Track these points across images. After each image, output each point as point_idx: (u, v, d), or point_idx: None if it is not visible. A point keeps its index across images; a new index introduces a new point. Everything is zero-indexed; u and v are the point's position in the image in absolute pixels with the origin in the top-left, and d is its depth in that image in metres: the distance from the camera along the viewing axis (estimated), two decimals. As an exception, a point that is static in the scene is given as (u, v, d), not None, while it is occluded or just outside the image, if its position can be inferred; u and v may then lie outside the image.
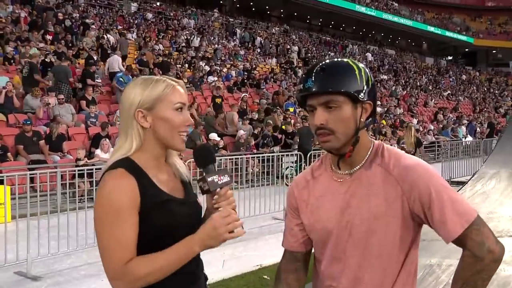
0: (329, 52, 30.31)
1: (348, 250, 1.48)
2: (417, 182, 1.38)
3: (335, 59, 1.48)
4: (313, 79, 1.43)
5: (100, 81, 13.08)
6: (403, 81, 29.95)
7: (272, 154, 10.17)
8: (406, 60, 38.50)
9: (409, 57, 40.31)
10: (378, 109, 19.07)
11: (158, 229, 1.44)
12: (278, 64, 23.47)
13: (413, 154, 13.87)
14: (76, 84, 12.25)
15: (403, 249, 1.44)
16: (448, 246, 1.43)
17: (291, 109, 16.98)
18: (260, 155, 10.02)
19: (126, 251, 1.39)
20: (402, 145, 11.55)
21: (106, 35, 16.71)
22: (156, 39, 19.72)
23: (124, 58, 15.22)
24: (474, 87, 35.94)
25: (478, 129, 21.42)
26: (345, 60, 1.47)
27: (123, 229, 1.39)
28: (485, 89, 36.41)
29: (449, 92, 31.71)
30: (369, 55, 33.29)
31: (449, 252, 3.78)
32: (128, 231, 1.40)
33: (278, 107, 16.51)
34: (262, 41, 25.92)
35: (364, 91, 1.44)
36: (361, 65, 1.46)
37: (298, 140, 12.65)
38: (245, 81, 18.47)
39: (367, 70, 1.47)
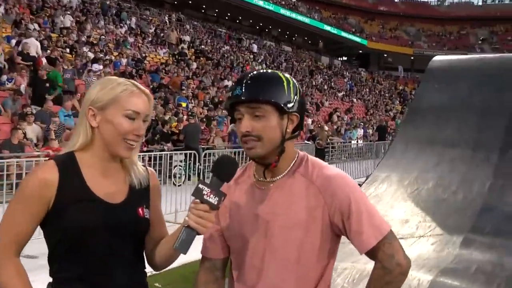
0: (224, 45, 30.60)
1: (266, 258, 1.54)
2: (339, 192, 1.49)
3: (265, 71, 1.57)
4: (242, 87, 1.51)
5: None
6: (297, 79, 31.22)
7: (161, 152, 10.11)
8: (303, 58, 40.24)
9: (305, 55, 42.14)
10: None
11: (70, 228, 1.49)
12: (170, 55, 23.17)
13: (325, 149, 14.56)
14: None
15: (322, 259, 1.54)
16: (343, 249, 1.56)
17: (183, 104, 16.93)
18: (150, 153, 9.86)
19: (12, 238, 1.50)
20: (318, 141, 13.21)
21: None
22: (31, 17, 18.30)
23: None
24: (367, 89, 38.69)
25: (370, 131, 23.08)
26: (276, 72, 1.57)
27: (22, 217, 1.50)
28: (377, 91, 39.42)
29: (343, 93, 33.76)
30: (254, 46, 33.90)
31: (344, 255, 4.08)
32: (25, 222, 1.51)
33: (169, 102, 16.35)
34: (153, 29, 25.38)
35: (291, 103, 1.53)
36: (290, 77, 1.56)
37: (185, 137, 12.70)
38: (135, 72, 17.97)
39: (296, 83, 1.57)
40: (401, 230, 4.95)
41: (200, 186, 1.45)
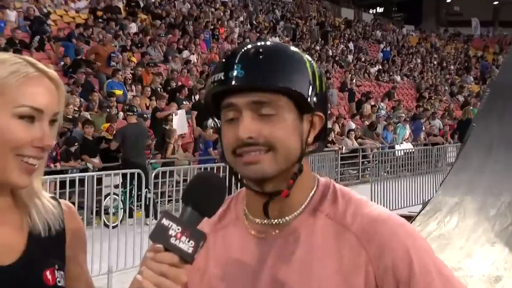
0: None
1: None
2: (392, 245, 1.53)
3: (275, 43, 1.65)
4: (244, 65, 1.55)
5: None
6: (303, 47, 31.40)
7: (83, 174, 10.16)
8: (310, 12, 40.48)
9: (314, 7, 42.44)
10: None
11: None
12: (91, 11, 23.29)
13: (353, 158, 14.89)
14: None
15: None
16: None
17: (118, 92, 16.89)
18: (63, 176, 9.76)
19: None
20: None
21: None
22: None
23: None
24: (419, 60, 39.05)
25: (424, 127, 23.16)
26: (292, 47, 1.64)
27: None
28: (436, 63, 39.77)
29: (379, 67, 34.01)
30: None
31: None
32: None
33: (93, 90, 16.38)
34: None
35: (316, 96, 1.60)
36: (310, 59, 1.64)
37: (121, 149, 12.76)
38: (33, 40, 18.05)
39: (318, 67, 1.65)
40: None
41: (165, 222, 1.46)
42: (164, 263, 1.41)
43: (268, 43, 1.64)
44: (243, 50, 1.59)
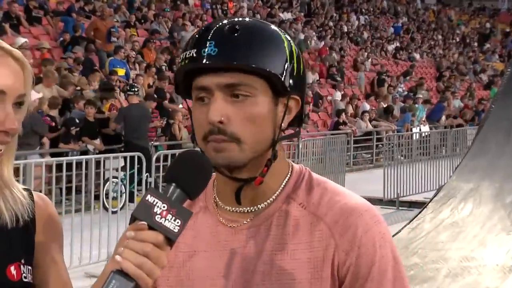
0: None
1: None
2: (362, 241, 1.53)
3: (253, 20, 1.61)
4: (217, 42, 1.52)
5: None
6: (317, 24, 31.21)
7: (82, 157, 10.16)
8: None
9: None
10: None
11: None
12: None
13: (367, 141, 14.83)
14: None
15: None
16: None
17: (120, 71, 16.89)
18: (60, 159, 9.82)
19: None
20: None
21: None
22: None
23: None
24: (439, 36, 38.69)
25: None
26: (271, 25, 1.61)
27: None
28: (458, 39, 39.36)
29: (397, 44, 33.77)
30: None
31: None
32: None
33: (94, 68, 16.34)
34: None
35: (292, 78, 1.57)
36: (289, 38, 1.60)
37: (122, 130, 12.80)
38: (29, 14, 17.84)
39: (296, 47, 1.60)
40: (502, 287, 4.95)
41: (149, 198, 1.40)
42: (148, 242, 1.36)
43: (246, 19, 1.61)
44: (217, 25, 1.56)
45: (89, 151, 12.31)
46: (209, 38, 1.53)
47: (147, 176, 10.25)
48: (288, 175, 1.65)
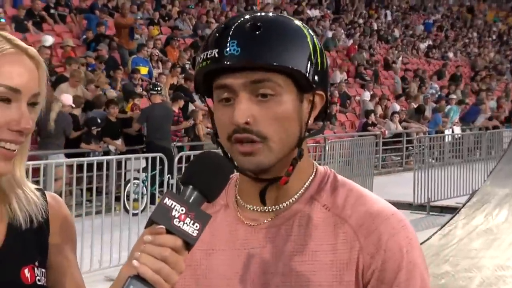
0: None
1: None
2: (388, 245, 1.53)
3: (274, 15, 1.62)
4: (239, 41, 1.51)
5: None
6: (346, 22, 31.14)
7: (104, 157, 10.31)
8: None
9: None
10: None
11: None
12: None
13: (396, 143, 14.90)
14: None
15: None
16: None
17: (143, 70, 16.95)
18: (81, 159, 9.88)
19: None
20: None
21: None
22: None
23: None
24: (474, 34, 38.46)
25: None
26: (292, 19, 1.61)
27: None
28: (496, 36, 39.04)
29: (429, 42, 33.60)
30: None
31: None
32: None
33: (118, 66, 16.40)
34: None
35: (316, 74, 1.57)
36: (312, 33, 1.61)
37: (145, 131, 12.88)
38: (51, 11, 18.11)
39: (319, 41, 1.62)
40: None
41: (167, 201, 1.40)
42: (166, 246, 1.36)
43: (267, 14, 1.61)
44: (238, 22, 1.56)
45: (111, 152, 12.37)
46: (230, 36, 1.53)
47: (169, 177, 10.25)
48: (312, 175, 1.66)
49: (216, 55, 1.52)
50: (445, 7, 42.50)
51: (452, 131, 19.81)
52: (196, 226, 1.38)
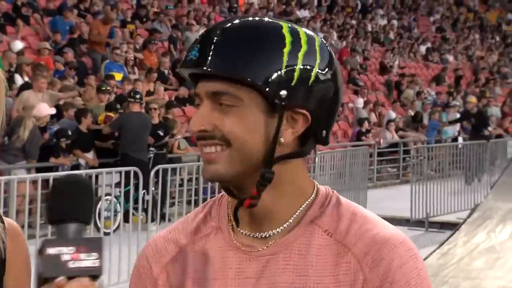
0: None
1: None
2: (395, 277, 1.53)
3: (251, 19, 1.62)
4: (200, 47, 1.55)
5: None
6: (339, 23, 31.27)
7: (72, 172, 10.39)
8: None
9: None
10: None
11: None
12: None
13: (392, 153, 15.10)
14: None
15: None
16: None
17: (118, 76, 16.94)
18: (47, 174, 9.76)
19: None
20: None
21: None
22: None
23: None
24: (476, 35, 38.70)
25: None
26: (272, 24, 1.59)
27: None
28: (498, 39, 39.29)
29: (428, 45, 33.78)
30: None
31: None
32: None
33: (88, 71, 16.43)
34: None
35: (288, 88, 1.53)
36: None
37: (121, 140, 12.90)
38: (17, 11, 17.98)
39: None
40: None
41: (51, 250, 1.41)
42: None
43: (246, 19, 1.61)
44: (214, 26, 1.61)
45: (81, 166, 12.30)
46: (198, 40, 1.58)
47: (144, 193, 10.19)
48: (312, 197, 1.65)
49: (184, 57, 1.60)
50: (445, 6, 42.76)
51: (456, 140, 19.87)
52: (95, 256, 1.41)
